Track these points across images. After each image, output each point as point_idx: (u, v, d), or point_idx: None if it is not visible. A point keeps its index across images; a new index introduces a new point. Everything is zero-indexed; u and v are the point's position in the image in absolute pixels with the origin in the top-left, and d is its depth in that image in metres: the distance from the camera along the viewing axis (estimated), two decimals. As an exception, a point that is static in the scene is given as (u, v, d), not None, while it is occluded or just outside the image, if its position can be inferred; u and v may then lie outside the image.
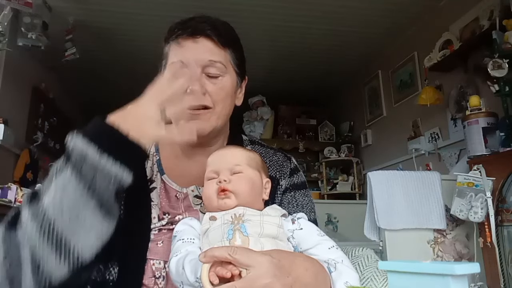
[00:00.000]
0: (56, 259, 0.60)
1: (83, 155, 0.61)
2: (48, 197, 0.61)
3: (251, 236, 0.68)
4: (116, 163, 0.61)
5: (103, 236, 0.64)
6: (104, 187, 0.61)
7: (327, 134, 5.10)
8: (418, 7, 3.28)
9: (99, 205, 0.62)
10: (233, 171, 0.76)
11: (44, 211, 0.61)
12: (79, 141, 0.62)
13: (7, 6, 2.82)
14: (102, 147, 0.61)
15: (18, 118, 3.50)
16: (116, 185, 0.62)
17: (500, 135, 2.17)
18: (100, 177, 0.61)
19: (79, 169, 0.61)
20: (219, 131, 0.88)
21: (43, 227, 0.60)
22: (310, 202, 0.92)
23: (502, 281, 1.91)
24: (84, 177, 0.61)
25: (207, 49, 0.83)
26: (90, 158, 0.60)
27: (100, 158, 0.60)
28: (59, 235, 0.60)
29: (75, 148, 0.62)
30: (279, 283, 0.60)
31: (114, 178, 0.62)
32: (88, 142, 0.61)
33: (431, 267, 0.51)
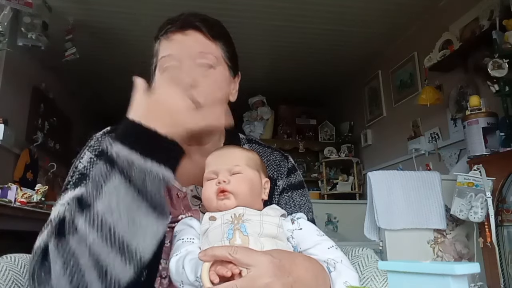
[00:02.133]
0: (122, 262, 0.61)
1: (130, 162, 0.61)
2: (101, 204, 0.61)
3: (251, 235, 0.68)
4: (161, 165, 0.63)
5: (159, 235, 0.66)
6: (155, 190, 0.63)
7: (327, 134, 5.10)
8: (418, 7, 3.28)
9: (152, 207, 0.63)
10: (232, 171, 0.76)
11: (102, 219, 0.60)
12: (120, 148, 0.62)
13: (7, 6, 2.82)
14: (145, 152, 0.62)
15: (18, 118, 3.50)
16: (164, 184, 0.64)
17: (500, 135, 2.17)
18: (150, 180, 0.62)
19: (128, 175, 0.61)
20: None
21: (105, 233, 0.60)
22: (307, 202, 0.91)
23: (502, 281, 1.91)
24: (135, 182, 0.61)
25: (196, 41, 0.82)
26: (137, 163, 0.61)
27: (146, 162, 0.62)
28: (121, 239, 0.61)
29: (120, 155, 0.62)
30: (279, 282, 0.60)
31: (162, 180, 0.63)
32: (130, 148, 0.62)
33: (431, 267, 0.50)
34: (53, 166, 4.12)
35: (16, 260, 0.80)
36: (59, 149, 4.42)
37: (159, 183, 0.63)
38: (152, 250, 0.65)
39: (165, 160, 0.63)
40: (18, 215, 2.43)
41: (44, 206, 2.74)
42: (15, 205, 2.44)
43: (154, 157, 0.62)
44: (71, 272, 0.60)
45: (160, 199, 0.64)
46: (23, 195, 2.56)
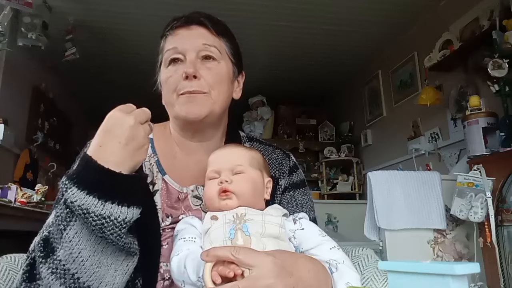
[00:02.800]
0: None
1: (85, 210, 0.58)
2: (63, 253, 0.59)
3: (253, 235, 0.68)
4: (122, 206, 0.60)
5: (129, 270, 0.65)
6: (116, 234, 0.60)
7: (327, 134, 5.10)
8: (418, 7, 3.28)
9: (117, 250, 0.62)
10: (234, 171, 0.76)
11: (64, 267, 0.59)
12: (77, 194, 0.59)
13: (7, 6, 2.82)
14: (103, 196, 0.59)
15: (18, 118, 3.50)
16: (126, 225, 0.61)
17: (500, 135, 2.17)
18: (109, 226, 0.59)
19: (86, 222, 0.59)
20: (216, 119, 0.87)
21: (68, 284, 0.59)
22: (309, 201, 0.91)
23: (502, 281, 1.91)
24: (94, 228, 0.59)
25: (201, 34, 0.84)
26: (93, 210, 0.58)
27: (104, 207, 0.59)
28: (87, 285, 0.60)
29: (75, 203, 0.58)
30: (282, 283, 0.60)
31: (123, 221, 0.60)
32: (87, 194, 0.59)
33: (431, 267, 0.51)
34: (53, 166, 4.12)
35: (16, 260, 0.80)
36: (59, 149, 4.41)
37: (120, 226, 0.60)
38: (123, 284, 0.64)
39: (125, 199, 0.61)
40: (18, 215, 2.42)
41: (44, 206, 2.74)
42: (15, 205, 2.44)
43: (111, 199, 0.59)
44: None
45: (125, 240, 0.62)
46: (23, 195, 2.56)
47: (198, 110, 0.81)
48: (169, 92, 0.83)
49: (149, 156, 0.87)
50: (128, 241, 0.63)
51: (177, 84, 0.81)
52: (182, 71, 0.80)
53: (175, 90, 0.82)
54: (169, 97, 0.84)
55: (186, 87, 0.80)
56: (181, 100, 0.81)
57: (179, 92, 0.81)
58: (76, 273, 0.59)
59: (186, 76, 0.80)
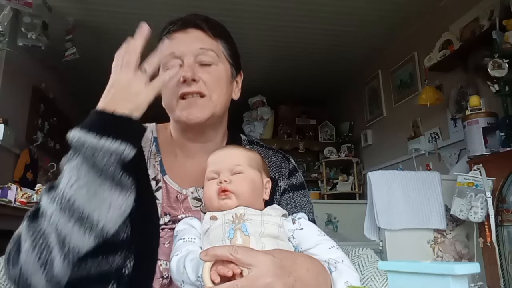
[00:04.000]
0: (80, 232, 0.65)
1: (82, 141, 0.66)
2: (62, 182, 0.66)
3: (252, 235, 0.68)
4: (115, 141, 0.66)
5: (123, 208, 0.69)
6: (106, 164, 0.66)
7: (327, 134, 5.10)
8: (418, 7, 3.28)
9: (112, 181, 0.67)
10: (233, 171, 0.76)
11: (62, 193, 0.65)
12: (77, 132, 0.67)
13: (7, 6, 2.82)
14: (99, 131, 0.66)
15: (18, 118, 3.50)
16: (118, 158, 0.67)
17: (500, 135, 2.17)
18: (100, 156, 0.66)
19: (82, 153, 0.66)
20: (217, 121, 0.88)
21: (64, 206, 0.65)
22: (308, 202, 0.92)
23: (502, 281, 1.91)
24: (88, 159, 0.66)
25: (197, 38, 0.84)
26: (89, 142, 0.65)
27: (98, 140, 0.65)
28: (81, 211, 0.65)
29: (74, 138, 0.67)
30: (280, 282, 0.60)
31: (114, 153, 0.66)
32: (86, 131, 0.66)
33: (431, 267, 0.51)
34: (53, 166, 4.12)
35: (16, 260, 0.80)
36: (59, 149, 4.41)
37: (110, 156, 0.66)
38: (117, 222, 0.69)
39: (119, 136, 0.67)
40: (18, 215, 2.42)
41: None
42: (15, 205, 2.44)
43: (107, 135, 0.66)
44: (39, 250, 0.64)
45: (117, 174, 0.67)
46: (23, 195, 2.56)
47: (199, 114, 0.81)
48: (169, 96, 0.84)
49: (154, 154, 0.88)
50: (120, 172, 0.68)
51: (176, 88, 0.82)
52: (181, 75, 0.81)
53: (174, 94, 0.82)
54: (169, 101, 0.84)
55: (185, 89, 0.81)
56: (181, 104, 0.82)
57: (178, 96, 0.82)
58: (71, 198, 0.65)
59: (184, 80, 0.80)
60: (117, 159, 0.67)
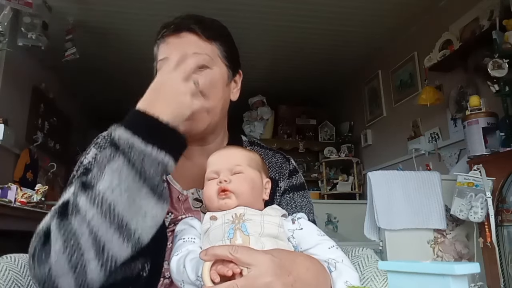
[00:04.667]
0: (120, 240, 0.62)
1: (130, 144, 0.63)
2: (103, 184, 0.63)
3: (252, 235, 0.68)
4: (160, 151, 0.64)
5: (157, 219, 0.67)
6: (154, 173, 0.64)
7: (327, 134, 5.10)
8: (418, 7, 3.28)
9: (151, 190, 0.64)
10: (233, 171, 0.76)
11: (103, 196, 0.62)
12: (123, 132, 0.64)
13: (7, 6, 2.82)
14: (145, 137, 0.64)
15: (18, 118, 3.50)
16: (163, 169, 0.65)
17: (500, 135, 2.17)
18: (148, 163, 0.63)
19: (128, 156, 0.63)
20: (215, 126, 0.87)
21: (104, 211, 0.61)
22: (308, 203, 0.92)
23: (502, 281, 1.91)
24: (134, 163, 0.63)
25: (191, 42, 0.83)
26: (137, 146, 0.63)
27: (146, 146, 0.63)
28: (121, 218, 0.62)
29: (121, 138, 0.64)
30: (280, 282, 0.60)
31: (161, 163, 0.64)
32: (132, 134, 0.64)
33: (431, 267, 0.51)
34: (53, 166, 4.12)
35: (16, 260, 0.80)
36: (59, 149, 4.41)
37: (158, 166, 0.64)
38: (151, 233, 0.66)
39: (165, 146, 0.65)
40: (18, 215, 2.43)
41: (44, 206, 2.74)
42: (15, 205, 2.44)
43: (154, 143, 0.64)
44: (70, 251, 0.61)
45: (158, 184, 0.65)
46: (23, 195, 2.56)
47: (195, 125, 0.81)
48: None
49: None
50: (161, 183, 0.66)
51: None
52: None
53: None
54: None
55: None
56: None
57: None
58: (112, 203, 0.62)
59: None
60: (162, 169, 0.65)
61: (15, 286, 0.77)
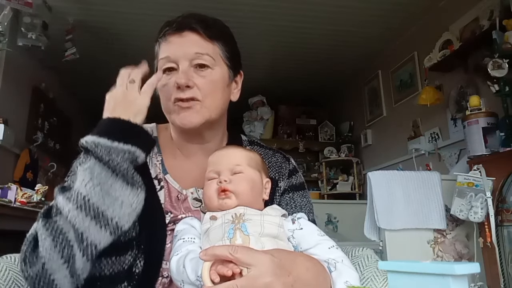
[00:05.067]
0: (97, 227, 0.66)
1: (96, 144, 0.69)
2: (77, 183, 0.69)
3: (252, 235, 0.68)
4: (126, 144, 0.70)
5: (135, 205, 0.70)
6: (122, 164, 0.69)
7: (327, 134, 5.10)
8: (418, 7, 3.28)
9: (124, 181, 0.69)
10: (233, 171, 0.76)
11: (77, 193, 0.67)
12: (90, 137, 0.71)
13: (7, 6, 2.82)
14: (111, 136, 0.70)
15: (18, 118, 3.50)
16: (130, 157, 0.70)
17: (500, 135, 2.17)
18: (115, 155, 0.69)
19: (97, 154, 0.69)
20: (214, 124, 0.87)
21: (80, 205, 0.66)
22: (308, 203, 0.91)
23: (502, 281, 1.91)
24: (102, 159, 0.69)
25: (193, 42, 0.83)
26: (103, 144, 0.69)
27: (112, 143, 0.69)
28: (96, 209, 0.67)
29: (88, 141, 0.70)
30: (280, 282, 0.60)
31: (127, 153, 0.70)
32: (98, 136, 0.70)
33: (431, 267, 0.51)
34: (53, 166, 4.12)
35: (16, 260, 0.80)
36: (59, 149, 4.41)
37: (124, 156, 0.69)
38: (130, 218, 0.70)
39: (129, 139, 0.70)
40: (18, 215, 2.42)
41: (44, 206, 2.74)
42: (15, 205, 2.44)
43: (118, 138, 0.70)
44: (61, 246, 0.65)
45: (129, 173, 0.70)
46: (23, 195, 2.56)
47: (193, 119, 0.81)
48: (165, 100, 0.84)
49: (156, 154, 0.89)
50: (131, 171, 0.70)
51: (171, 93, 0.82)
52: (175, 81, 0.81)
53: (169, 99, 0.83)
54: (165, 105, 0.85)
55: (179, 95, 0.81)
56: (176, 109, 0.82)
57: (173, 101, 0.82)
58: (86, 196, 0.67)
59: (178, 86, 0.80)
60: (129, 158, 0.70)
61: (15, 286, 0.77)
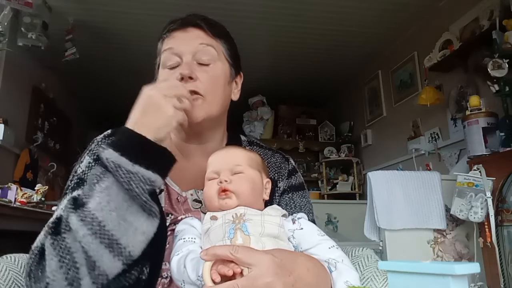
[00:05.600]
0: (110, 257, 0.64)
1: (117, 164, 0.65)
2: (92, 203, 0.65)
3: (252, 235, 0.68)
4: (148, 170, 0.66)
5: (148, 233, 0.68)
6: (141, 191, 0.65)
7: (327, 134, 5.10)
8: (418, 7, 3.28)
9: (140, 208, 0.66)
10: (234, 171, 0.76)
11: (93, 215, 0.64)
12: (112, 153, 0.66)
13: (7, 6, 2.82)
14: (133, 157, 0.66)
15: (18, 118, 3.50)
16: (150, 187, 0.67)
17: (500, 135, 2.17)
18: (136, 182, 0.65)
19: (116, 176, 0.65)
20: (214, 122, 0.87)
21: (94, 230, 0.63)
22: (308, 203, 0.91)
23: (502, 281, 1.91)
24: (122, 183, 0.65)
25: (197, 36, 0.84)
26: (124, 166, 0.65)
27: (133, 166, 0.65)
28: (111, 236, 0.64)
29: (110, 159, 0.65)
30: (281, 282, 0.60)
31: (148, 181, 0.66)
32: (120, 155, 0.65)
33: (431, 267, 0.51)
34: (53, 166, 4.12)
35: (16, 260, 0.80)
36: (59, 149, 4.41)
37: (145, 185, 0.66)
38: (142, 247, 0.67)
39: (151, 165, 0.66)
40: (18, 215, 2.42)
41: (44, 206, 2.74)
42: (15, 205, 2.43)
43: (140, 163, 0.65)
44: (66, 267, 0.63)
45: (147, 200, 0.67)
46: (23, 195, 2.56)
47: (195, 114, 0.81)
48: None
49: None
50: (149, 200, 0.67)
51: None
52: (178, 73, 0.81)
53: None
54: None
55: None
56: None
57: None
58: (103, 221, 0.64)
59: (181, 78, 0.80)
60: (150, 187, 0.67)
61: (15, 286, 0.77)
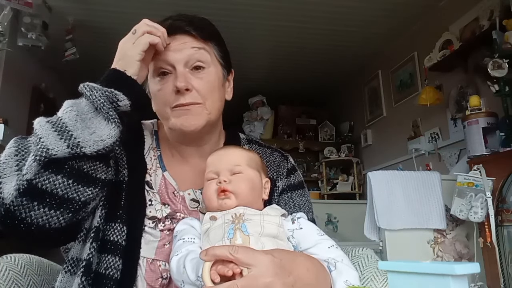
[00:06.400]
0: (55, 135, 0.68)
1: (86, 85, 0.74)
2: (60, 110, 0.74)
3: (252, 235, 0.68)
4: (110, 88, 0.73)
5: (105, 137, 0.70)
6: (103, 101, 0.71)
7: (327, 134, 5.10)
8: (418, 7, 3.28)
9: (103, 117, 0.71)
10: (233, 171, 0.76)
11: (56, 116, 0.72)
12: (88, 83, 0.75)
13: (7, 6, 2.82)
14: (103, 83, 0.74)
15: (18, 118, 3.49)
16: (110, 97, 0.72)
17: (500, 135, 2.17)
18: (100, 94, 0.72)
19: (85, 93, 0.73)
20: (212, 126, 0.87)
21: (51, 121, 0.71)
22: (307, 202, 0.91)
23: (502, 281, 1.91)
24: (89, 97, 0.72)
25: (187, 43, 0.83)
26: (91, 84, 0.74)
27: (102, 85, 0.73)
28: (64, 126, 0.69)
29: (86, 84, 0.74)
30: (280, 282, 0.60)
31: (107, 92, 0.72)
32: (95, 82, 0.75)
33: (431, 267, 0.51)
34: (53, 166, 4.12)
35: (16, 260, 0.80)
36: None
37: (105, 94, 0.71)
38: (94, 146, 0.69)
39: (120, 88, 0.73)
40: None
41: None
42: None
43: (111, 85, 0.73)
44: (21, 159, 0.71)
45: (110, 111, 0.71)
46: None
47: (195, 122, 0.81)
48: (161, 105, 0.83)
49: (154, 149, 0.89)
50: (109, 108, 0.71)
51: (169, 97, 0.81)
52: (172, 84, 0.80)
53: (167, 104, 0.81)
54: (161, 110, 0.84)
55: (179, 100, 0.80)
56: (175, 113, 0.81)
57: (172, 106, 0.81)
58: (61, 117, 0.71)
59: (177, 90, 0.79)
60: (109, 96, 0.72)
61: (15, 286, 0.77)
